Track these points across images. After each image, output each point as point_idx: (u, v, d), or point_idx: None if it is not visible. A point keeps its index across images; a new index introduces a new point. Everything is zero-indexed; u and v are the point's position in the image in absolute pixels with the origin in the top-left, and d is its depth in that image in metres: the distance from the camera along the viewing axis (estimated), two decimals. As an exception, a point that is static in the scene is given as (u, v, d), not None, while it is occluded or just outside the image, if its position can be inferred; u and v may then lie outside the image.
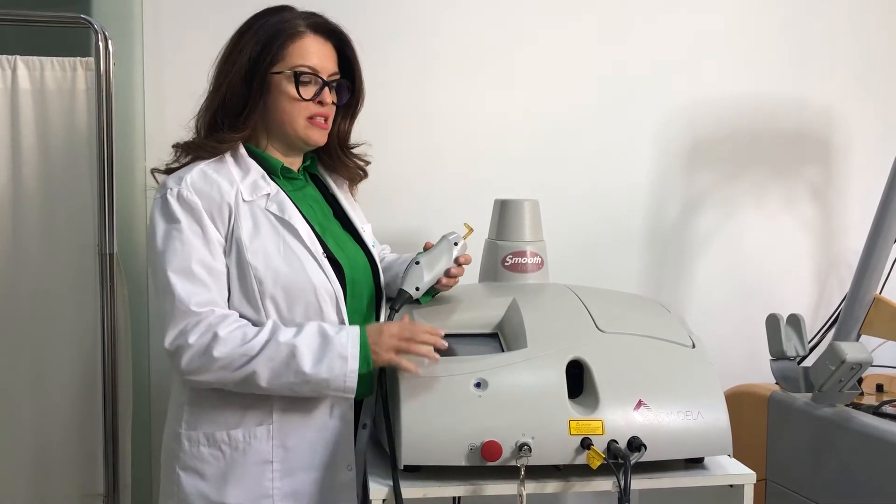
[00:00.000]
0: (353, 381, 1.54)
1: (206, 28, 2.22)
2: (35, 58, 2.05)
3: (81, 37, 2.08)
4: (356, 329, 1.57)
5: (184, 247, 1.56)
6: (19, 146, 2.05)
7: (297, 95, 1.65)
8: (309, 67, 1.65)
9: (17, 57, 2.04)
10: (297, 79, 1.65)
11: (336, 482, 1.63)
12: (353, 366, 1.53)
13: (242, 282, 1.59)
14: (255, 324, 1.58)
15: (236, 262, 1.59)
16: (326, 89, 1.67)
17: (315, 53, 1.67)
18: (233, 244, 1.59)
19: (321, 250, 1.64)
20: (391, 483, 1.48)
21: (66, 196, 2.08)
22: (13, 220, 2.06)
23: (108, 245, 2.05)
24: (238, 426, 1.60)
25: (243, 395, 1.58)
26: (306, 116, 1.67)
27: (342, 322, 1.63)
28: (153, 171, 1.71)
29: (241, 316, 1.59)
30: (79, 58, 2.06)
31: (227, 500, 1.60)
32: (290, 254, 1.60)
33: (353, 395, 1.57)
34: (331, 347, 1.53)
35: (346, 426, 1.64)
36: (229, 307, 1.59)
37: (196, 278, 1.55)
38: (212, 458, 1.61)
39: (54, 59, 2.05)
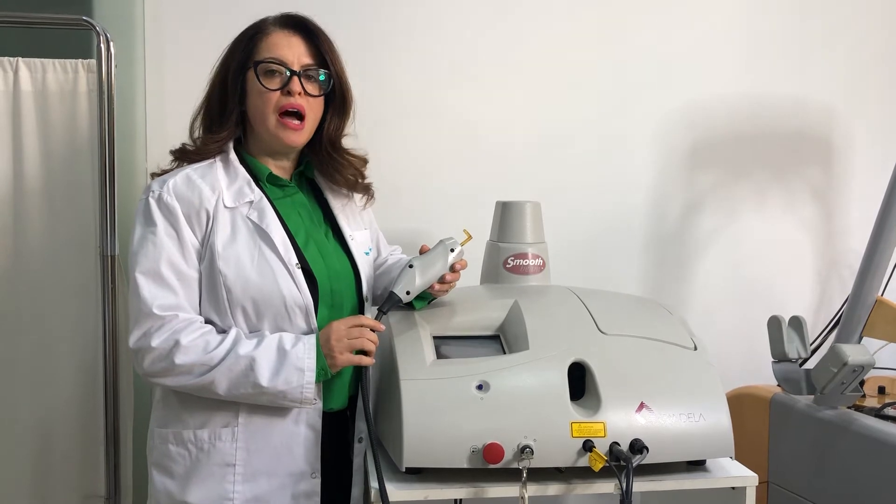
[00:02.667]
0: (310, 392, 1.56)
1: (207, 30, 2.22)
2: (37, 59, 2.05)
3: (83, 39, 2.08)
4: (313, 339, 1.58)
5: (155, 249, 1.57)
6: (21, 148, 2.05)
7: (261, 87, 1.63)
8: (272, 58, 1.63)
9: (19, 59, 2.05)
10: (257, 69, 1.63)
11: (299, 490, 1.63)
12: (309, 378, 1.55)
13: (211, 289, 1.59)
14: (222, 331, 1.59)
15: (208, 269, 1.59)
16: (295, 79, 1.63)
17: (279, 45, 1.64)
18: (206, 251, 1.59)
19: (295, 260, 1.62)
20: (389, 483, 1.47)
21: (67, 197, 2.08)
22: (15, 222, 2.06)
23: (109, 247, 2.05)
24: (204, 427, 1.61)
25: (211, 398, 1.59)
26: (277, 111, 1.63)
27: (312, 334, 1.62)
28: (152, 174, 1.71)
29: (208, 321, 1.59)
30: (80, 60, 2.07)
31: (188, 500, 1.60)
32: (263, 263, 1.60)
33: (311, 406, 1.59)
34: (287, 360, 1.55)
35: (314, 434, 1.63)
36: (200, 313, 1.60)
37: (164, 282, 1.56)
38: (178, 456, 1.62)
39: (56, 60, 2.06)
